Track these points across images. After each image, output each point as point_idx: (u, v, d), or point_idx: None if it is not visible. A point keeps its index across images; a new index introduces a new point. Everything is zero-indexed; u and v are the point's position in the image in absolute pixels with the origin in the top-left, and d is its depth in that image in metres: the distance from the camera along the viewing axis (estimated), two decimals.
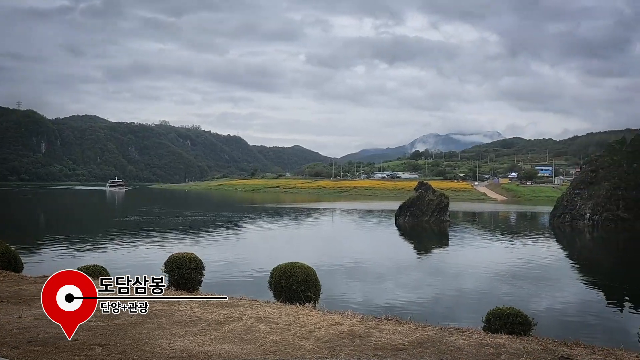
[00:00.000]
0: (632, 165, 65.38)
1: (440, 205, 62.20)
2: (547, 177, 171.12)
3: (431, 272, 29.59)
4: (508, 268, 30.40)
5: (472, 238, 48.84)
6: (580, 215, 64.59)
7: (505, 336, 8.64)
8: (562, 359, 7.02)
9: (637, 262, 37.37)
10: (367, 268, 29.52)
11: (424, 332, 8.38)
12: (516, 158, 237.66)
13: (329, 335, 8.03)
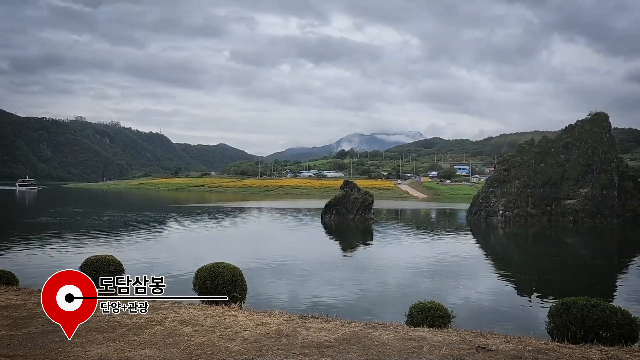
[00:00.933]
0: (540, 164, 70.22)
1: (365, 203, 63.55)
2: (465, 176, 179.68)
3: (356, 269, 30.16)
4: (429, 263, 31.60)
5: (395, 235, 50.35)
6: (494, 212, 68.48)
7: (427, 329, 8.96)
8: (479, 348, 7.37)
9: (543, 254, 40.14)
10: (293, 267, 29.57)
11: (350, 329, 8.52)
12: (436, 157, 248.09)
13: (256, 336, 7.95)
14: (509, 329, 10.21)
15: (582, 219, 64.40)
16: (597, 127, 70.99)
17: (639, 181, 73.80)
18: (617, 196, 66.49)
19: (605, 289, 25.73)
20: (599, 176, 66.55)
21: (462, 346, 7.49)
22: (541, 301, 21.85)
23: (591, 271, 31.57)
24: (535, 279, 28.08)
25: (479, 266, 32.82)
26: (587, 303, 9.46)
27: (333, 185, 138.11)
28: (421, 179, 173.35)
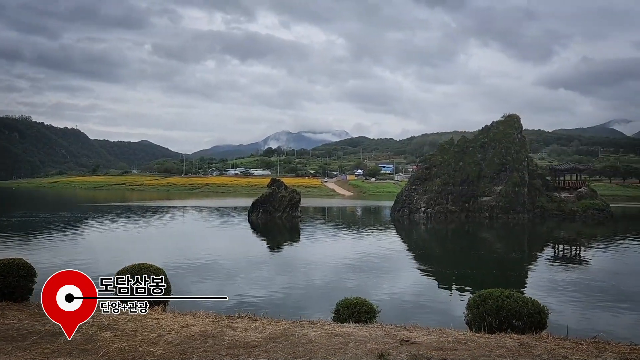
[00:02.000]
0: (459, 163, 73.57)
1: (292, 201, 63.67)
2: (389, 174, 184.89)
3: (284, 267, 30.15)
4: (355, 260, 32.19)
5: (322, 232, 50.84)
6: (416, 209, 70.95)
7: (353, 325, 9.12)
8: (403, 341, 7.59)
9: (462, 249, 42.11)
10: (219, 266, 29.06)
11: (277, 327, 8.48)
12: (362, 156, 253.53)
13: (180, 338, 7.72)
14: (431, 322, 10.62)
15: (497, 215, 68.27)
16: (510, 128, 75.45)
17: (547, 179, 79.40)
18: (528, 193, 71.15)
19: (517, 280, 27.41)
20: (512, 174, 70.82)
21: (387, 340, 7.68)
22: (460, 294, 22.90)
23: (505, 264, 33.49)
24: (455, 272, 29.40)
25: (403, 261, 33.88)
26: (501, 294, 10.03)
27: (260, 183, 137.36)
28: (347, 177, 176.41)
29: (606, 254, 38.10)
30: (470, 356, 6.84)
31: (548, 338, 8.32)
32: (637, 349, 7.72)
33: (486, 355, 6.90)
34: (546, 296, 20.64)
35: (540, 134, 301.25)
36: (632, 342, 8.47)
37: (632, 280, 26.86)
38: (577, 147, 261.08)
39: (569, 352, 7.16)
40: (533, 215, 70.15)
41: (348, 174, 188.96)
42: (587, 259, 35.71)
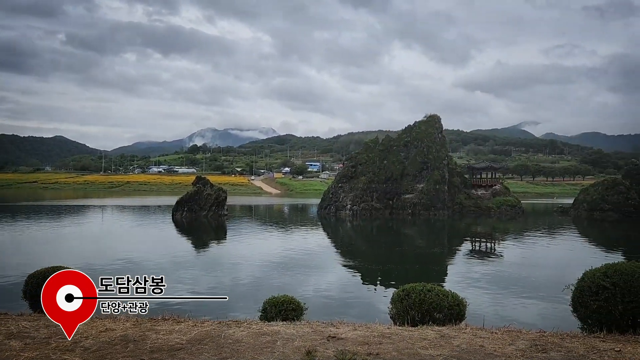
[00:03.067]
0: (383, 161, 75.52)
1: (218, 199, 62.60)
2: (316, 172, 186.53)
3: (210, 267, 29.56)
4: (282, 257, 32.18)
5: (249, 231, 50.40)
6: (343, 206, 72.07)
7: (281, 323, 9.08)
8: (330, 338, 7.66)
9: (387, 245, 43.31)
10: (141, 267, 27.98)
11: (203, 328, 8.28)
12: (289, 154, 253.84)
13: (99, 344, 7.34)
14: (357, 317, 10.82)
15: (419, 212, 70.82)
16: (431, 128, 78.45)
17: (465, 177, 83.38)
18: (448, 191, 74.38)
19: (438, 274, 28.59)
20: (433, 173, 73.71)
21: (315, 337, 7.72)
22: (385, 289, 23.52)
23: (427, 259, 34.82)
24: (380, 268, 30.17)
25: (329, 258, 34.29)
26: (423, 288, 10.39)
27: (185, 181, 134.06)
28: (274, 175, 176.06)
29: (518, 248, 40.63)
30: (395, 349, 7.03)
31: (467, 328, 8.72)
32: (545, 335, 8.26)
33: (409, 347, 7.12)
34: (465, 289, 21.69)
35: (459, 134, 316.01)
36: (541, 329, 9.07)
37: (540, 271, 28.81)
38: (492, 146, 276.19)
39: (486, 341, 7.54)
40: (452, 212, 73.45)
41: (275, 172, 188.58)
42: (501, 253, 37.90)
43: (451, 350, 6.99)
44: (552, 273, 27.43)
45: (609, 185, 74.52)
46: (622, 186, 72.91)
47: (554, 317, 15.74)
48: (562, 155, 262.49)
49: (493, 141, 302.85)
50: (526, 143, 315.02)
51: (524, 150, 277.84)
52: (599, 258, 31.95)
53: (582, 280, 10.12)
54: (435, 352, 6.87)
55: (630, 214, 68.93)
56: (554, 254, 37.63)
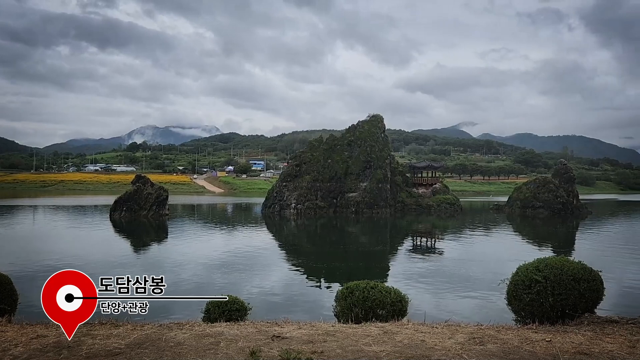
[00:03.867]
0: (327, 160, 76.03)
1: (159, 198, 61.00)
2: (260, 171, 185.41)
3: (150, 267, 28.68)
4: (225, 257, 31.74)
5: (192, 230, 49.38)
6: (287, 205, 71.98)
7: (224, 324, 8.95)
8: (275, 337, 7.62)
9: (331, 243, 43.66)
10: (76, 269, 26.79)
11: (143, 332, 8.03)
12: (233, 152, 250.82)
13: (30, 352, 6.96)
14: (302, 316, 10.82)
15: (362, 210, 71.83)
16: (374, 128, 79.75)
17: (407, 176, 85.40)
18: (390, 189, 75.90)
19: (381, 271, 29.11)
20: (376, 171, 74.98)
21: (259, 337, 7.66)
22: (329, 287, 23.68)
23: (370, 256, 35.37)
24: (324, 266, 30.35)
25: (273, 257, 34.14)
26: (367, 286, 10.55)
27: (123, 180, 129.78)
28: (218, 174, 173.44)
29: (456, 244, 42.03)
30: (339, 347, 7.08)
31: (408, 324, 8.92)
32: (482, 328, 8.59)
33: (353, 344, 7.20)
34: (407, 285, 22.20)
35: (401, 134, 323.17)
36: (479, 322, 9.42)
37: (478, 267, 29.93)
38: (432, 146, 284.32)
39: (427, 336, 7.74)
40: (395, 210, 75.02)
41: (219, 170, 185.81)
42: (441, 249, 39.06)
43: (394, 346, 7.12)
44: (489, 268, 28.56)
45: (539, 183, 78.48)
46: (552, 184, 76.98)
47: (491, 310, 16.39)
48: (497, 155, 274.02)
49: (433, 141, 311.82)
50: (464, 143, 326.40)
51: (462, 150, 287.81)
52: (531, 253, 33.56)
53: (516, 275, 10.60)
54: (379, 348, 6.98)
55: (559, 210, 72.90)
56: (490, 249, 39.21)
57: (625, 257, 33.05)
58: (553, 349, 7.06)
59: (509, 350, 6.99)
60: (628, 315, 9.69)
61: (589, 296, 9.72)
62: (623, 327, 8.56)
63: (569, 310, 9.59)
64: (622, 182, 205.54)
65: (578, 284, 9.65)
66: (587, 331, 8.30)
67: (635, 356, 6.74)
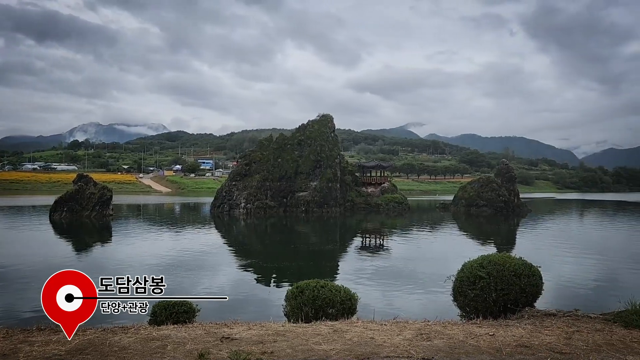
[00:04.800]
0: (277, 159, 75.80)
1: (102, 198, 58.98)
2: (209, 170, 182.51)
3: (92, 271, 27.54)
4: (172, 258, 31.03)
5: (137, 231, 47.98)
6: (236, 205, 71.24)
7: (172, 326, 8.75)
8: (224, 339, 7.51)
9: (281, 243, 43.52)
10: (11, 275, 25.47)
11: (85, 337, 7.72)
12: (180, 151, 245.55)
13: None
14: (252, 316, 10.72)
15: (312, 209, 72.07)
16: (324, 127, 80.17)
17: (356, 175, 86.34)
18: (340, 188, 76.52)
19: (331, 270, 29.28)
20: (326, 171, 75.40)
21: (208, 339, 7.53)
22: (279, 287, 23.59)
23: (320, 255, 35.52)
24: (275, 266, 30.21)
25: (222, 257, 33.69)
26: (317, 285, 10.58)
27: (64, 179, 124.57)
28: (165, 173, 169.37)
29: (404, 242, 42.89)
30: (289, 346, 7.06)
31: (358, 322, 9.01)
32: (429, 324, 8.79)
33: (304, 344, 7.19)
34: (356, 283, 22.43)
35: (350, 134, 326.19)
36: (426, 319, 9.63)
37: (425, 264, 30.65)
38: (381, 146, 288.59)
39: (376, 333, 7.84)
40: (344, 209, 75.70)
41: (166, 169, 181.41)
42: (389, 248, 39.73)
43: (343, 344, 7.17)
44: (436, 265, 29.28)
45: (483, 183, 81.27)
46: (495, 184, 79.88)
47: (438, 306, 16.80)
48: (443, 155, 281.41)
49: (382, 141, 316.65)
50: (412, 143, 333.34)
51: (410, 150, 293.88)
52: (475, 250, 34.70)
53: (461, 272, 10.92)
54: (329, 347, 7.01)
55: (501, 209, 75.74)
56: (436, 247, 40.24)
57: (561, 253, 34.73)
58: (496, 342, 7.31)
59: (455, 345, 7.18)
60: (565, 308, 10.17)
61: (529, 291, 10.15)
62: (560, 320, 8.98)
63: (510, 305, 9.98)
64: (559, 181, 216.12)
65: (519, 279, 10.05)
66: (527, 324, 8.66)
67: (571, 347, 7.08)
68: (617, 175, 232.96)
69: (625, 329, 8.19)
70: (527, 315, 9.47)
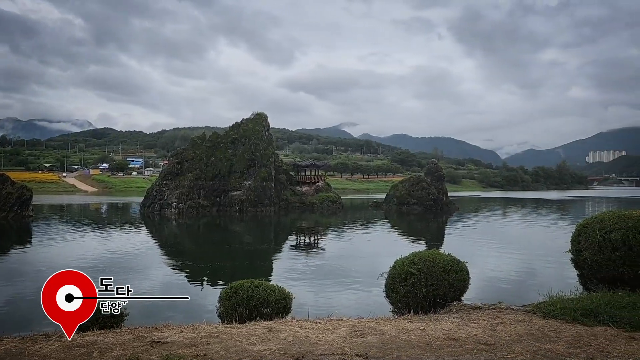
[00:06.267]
0: (210, 158, 74.48)
1: (21, 198, 55.51)
2: (139, 169, 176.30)
3: (9, 276, 25.92)
4: (98, 260, 29.71)
5: (60, 233, 45.48)
6: (168, 204, 69.31)
7: (98, 332, 8.35)
8: (154, 343, 7.27)
9: (214, 243, 42.80)
10: None
11: (1, 347, 7.21)
12: (108, 149, 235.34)
13: None
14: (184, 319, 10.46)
15: (247, 209, 71.40)
16: (258, 126, 79.63)
17: (291, 174, 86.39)
18: (274, 187, 76.28)
19: (266, 270, 29.13)
20: (260, 170, 74.93)
21: (137, 344, 7.26)
22: (213, 288, 23.18)
23: (255, 255, 35.24)
24: (208, 267, 29.65)
25: (153, 259, 32.64)
26: (251, 284, 10.48)
27: None
28: (91, 172, 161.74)
29: (338, 240, 43.45)
30: (223, 348, 6.94)
31: (293, 321, 9.00)
32: (363, 321, 8.94)
33: (238, 345, 7.09)
34: (291, 282, 22.45)
35: (284, 133, 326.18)
36: (359, 315, 9.79)
37: (358, 262, 31.18)
38: (315, 145, 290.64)
39: (310, 332, 7.87)
40: (279, 208, 75.56)
41: (92, 168, 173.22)
42: (323, 246, 40.09)
43: (278, 344, 7.14)
44: (369, 263, 29.86)
45: (414, 182, 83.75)
46: (425, 183, 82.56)
47: (371, 303, 17.14)
48: (376, 154, 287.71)
49: (316, 140, 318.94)
50: (345, 143, 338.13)
51: (344, 150, 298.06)
52: (407, 247, 35.70)
53: (393, 268, 11.19)
54: (263, 347, 6.96)
55: (431, 207, 78.41)
56: (370, 245, 41.04)
57: (486, 249, 36.48)
58: (426, 336, 7.54)
59: (387, 340, 7.34)
60: (489, 301, 10.67)
61: (457, 286, 10.57)
62: (485, 313, 9.41)
63: (440, 300, 10.34)
64: (484, 180, 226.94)
65: (448, 275, 10.45)
66: (455, 318, 9.00)
67: (495, 338, 7.44)
68: (536, 175, 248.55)
69: (543, 319, 8.71)
70: (455, 309, 9.85)
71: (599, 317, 8.37)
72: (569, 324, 8.29)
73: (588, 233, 11.34)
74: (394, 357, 6.54)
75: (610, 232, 10.85)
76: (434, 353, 6.69)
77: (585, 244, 11.29)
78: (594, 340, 7.31)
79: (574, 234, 12.02)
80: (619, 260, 10.58)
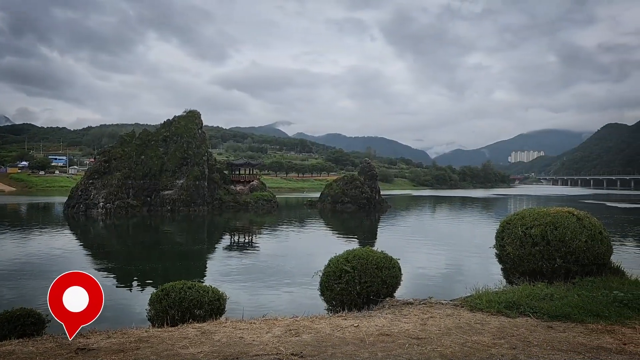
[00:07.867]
0: (140, 156, 72.01)
1: None
2: (62, 167, 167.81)
3: None
4: (17, 265, 27.95)
5: None
6: (94, 204, 66.31)
7: (16, 341, 7.85)
8: (79, 350, 6.92)
9: (145, 244, 41.40)
10: None
11: None
12: (27, 146, 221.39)
13: None
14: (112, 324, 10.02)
15: (179, 208, 69.63)
16: (191, 124, 77.87)
17: (225, 173, 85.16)
18: (207, 186, 74.87)
19: (199, 271, 28.53)
20: (193, 168, 73.30)
21: (60, 352, 6.88)
22: (143, 291, 22.40)
23: (188, 256, 34.41)
24: (138, 268, 28.61)
25: (77, 262, 31.03)
26: (184, 286, 10.24)
27: None
28: (8, 170, 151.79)
29: (273, 240, 43.29)
30: (154, 353, 6.72)
31: (227, 322, 8.87)
32: (298, 320, 8.95)
33: (169, 349, 6.89)
34: (224, 283, 22.10)
35: (218, 131, 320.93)
36: (294, 314, 9.79)
37: (293, 260, 31.22)
38: (250, 144, 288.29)
39: (245, 332, 7.79)
40: (212, 207, 74.23)
41: (9, 166, 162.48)
42: (258, 245, 39.83)
43: (212, 346, 7.01)
44: (304, 261, 29.98)
45: (347, 180, 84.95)
46: (358, 181, 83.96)
47: (306, 301, 17.20)
48: (311, 153, 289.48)
49: (251, 139, 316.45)
50: (280, 141, 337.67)
51: (279, 148, 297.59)
52: (341, 245, 36.13)
53: (328, 266, 11.30)
54: (196, 350, 6.80)
55: (364, 205, 79.87)
56: (304, 243, 41.20)
57: (416, 245, 37.64)
58: (360, 333, 7.67)
59: (322, 338, 7.39)
60: (420, 297, 11.01)
61: (390, 282, 10.83)
62: (416, 308, 9.70)
63: (373, 296, 10.55)
64: (415, 179, 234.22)
65: (381, 271, 10.68)
66: (388, 314, 9.21)
67: (426, 332, 7.68)
68: (463, 174, 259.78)
69: (470, 312, 9.10)
70: (387, 305, 10.08)
71: (520, 308, 8.86)
72: (493, 316, 8.72)
73: (511, 229, 11.96)
74: (329, 354, 6.59)
75: (530, 228, 11.50)
76: (368, 349, 6.81)
77: (508, 239, 11.89)
78: (516, 331, 7.72)
79: (498, 230, 12.63)
80: (538, 254, 11.23)
